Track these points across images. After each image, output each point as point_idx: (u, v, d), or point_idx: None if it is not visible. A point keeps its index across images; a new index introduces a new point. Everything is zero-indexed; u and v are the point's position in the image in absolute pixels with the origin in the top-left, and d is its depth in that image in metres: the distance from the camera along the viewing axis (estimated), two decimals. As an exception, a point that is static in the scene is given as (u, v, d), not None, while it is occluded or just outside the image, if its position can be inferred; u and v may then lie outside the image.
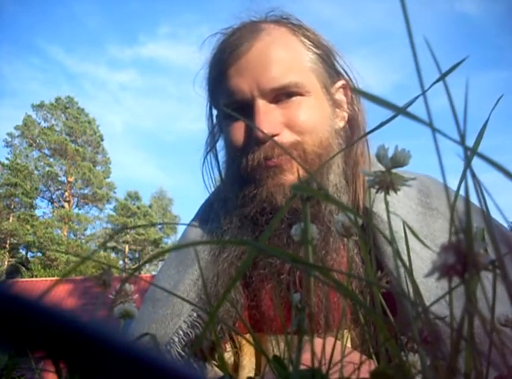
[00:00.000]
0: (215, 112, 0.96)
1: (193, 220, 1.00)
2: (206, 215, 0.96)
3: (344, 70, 0.91)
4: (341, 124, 0.90)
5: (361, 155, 0.88)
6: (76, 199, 24.99)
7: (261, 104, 0.82)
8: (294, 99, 0.83)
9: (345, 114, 0.91)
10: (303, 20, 0.90)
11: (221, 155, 0.94)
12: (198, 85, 0.94)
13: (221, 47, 0.87)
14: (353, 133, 0.89)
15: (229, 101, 0.85)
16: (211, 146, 0.95)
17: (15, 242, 22.56)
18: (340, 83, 0.90)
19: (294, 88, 0.83)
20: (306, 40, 0.87)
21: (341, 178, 0.86)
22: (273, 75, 0.82)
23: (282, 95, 0.83)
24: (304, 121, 0.82)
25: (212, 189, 0.98)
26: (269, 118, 0.81)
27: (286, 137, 0.82)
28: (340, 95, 0.91)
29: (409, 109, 0.30)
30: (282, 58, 0.83)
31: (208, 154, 0.95)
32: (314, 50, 0.87)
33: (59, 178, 24.48)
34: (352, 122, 0.90)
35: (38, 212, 25.20)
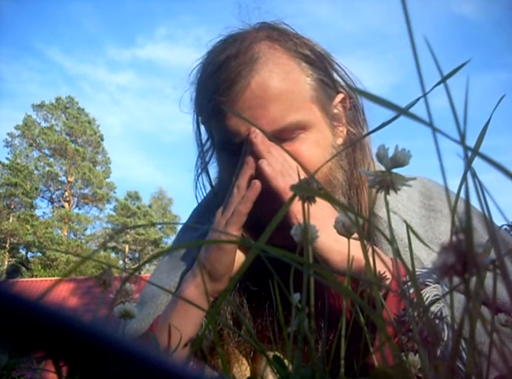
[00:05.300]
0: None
1: (185, 225, 1.00)
2: (200, 218, 0.96)
3: (340, 77, 0.87)
4: (340, 140, 0.85)
5: (364, 163, 0.85)
6: (76, 199, 24.96)
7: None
8: (295, 136, 0.79)
9: (344, 129, 0.87)
10: (297, 22, 0.85)
11: (213, 165, 0.93)
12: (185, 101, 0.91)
13: (214, 77, 0.81)
14: (354, 149, 0.85)
15: (225, 139, 0.82)
16: (202, 167, 0.93)
17: (15, 241, 22.55)
18: (338, 97, 0.87)
19: (295, 126, 0.78)
20: (303, 62, 0.82)
21: (345, 198, 0.83)
22: (273, 117, 0.77)
23: (282, 133, 0.78)
24: (308, 161, 0.77)
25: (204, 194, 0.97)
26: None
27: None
28: (338, 108, 0.87)
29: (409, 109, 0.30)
30: (281, 94, 0.78)
31: (200, 175, 0.94)
32: (311, 72, 0.82)
33: (59, 178, 24.47)
34: (351, 136, 0.86)
35: (38, 212, 25.13)
